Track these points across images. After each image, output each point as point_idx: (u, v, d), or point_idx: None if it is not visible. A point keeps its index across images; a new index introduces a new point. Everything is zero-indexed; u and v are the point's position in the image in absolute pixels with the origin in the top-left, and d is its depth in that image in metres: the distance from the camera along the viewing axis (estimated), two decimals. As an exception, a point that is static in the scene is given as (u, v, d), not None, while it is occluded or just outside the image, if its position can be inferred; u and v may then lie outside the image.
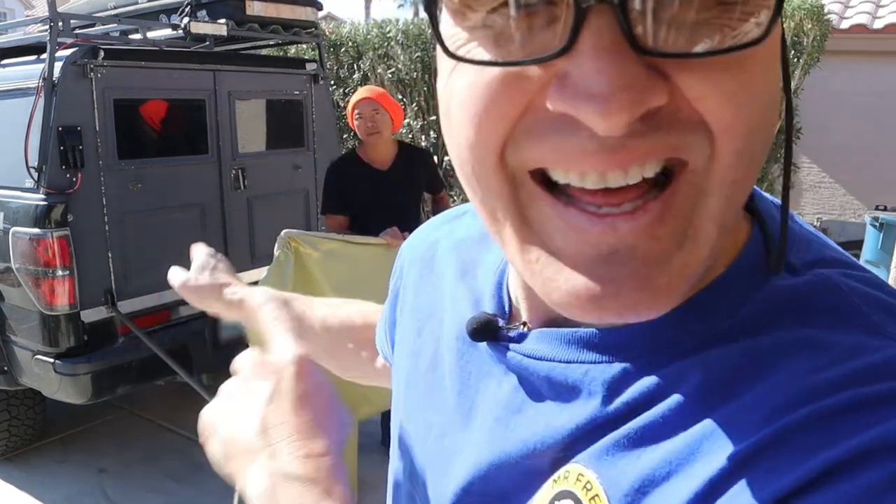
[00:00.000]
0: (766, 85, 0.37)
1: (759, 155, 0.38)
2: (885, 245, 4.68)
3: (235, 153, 3.52)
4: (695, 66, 0.34)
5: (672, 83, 0.34)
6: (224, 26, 3.27)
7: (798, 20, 5.26)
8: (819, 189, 7.79)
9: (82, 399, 2.97)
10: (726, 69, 0.34)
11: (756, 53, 0.35)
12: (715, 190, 0.37)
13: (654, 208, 0.36)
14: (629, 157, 0.35)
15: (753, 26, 0.34)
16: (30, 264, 2.84)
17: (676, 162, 0.36)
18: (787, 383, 0.37)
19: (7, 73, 3.13)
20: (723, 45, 0.33)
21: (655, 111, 0.34)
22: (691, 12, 0.33)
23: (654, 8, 0.33)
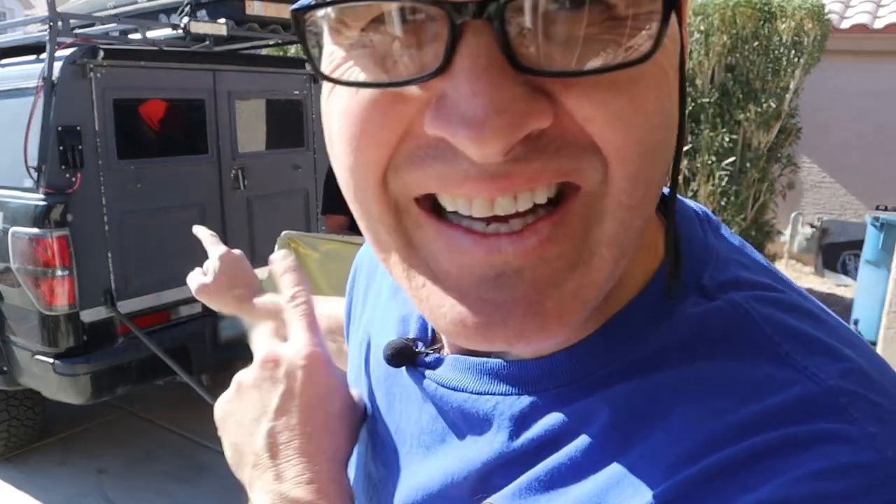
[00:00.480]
0: (660, 104, 0.34)
1: (655, 178, 0.36)
2: (886, 245, 4.68)
3: (235, 153, 3.52)
4: (581, 85, 0.32)
5: (558, 104, 0.32)
6: (224, 26, 3.26)
7: (798, 20, 5.26)
8: (820, 189, 7.79)
9: (82, 399, 2.97)
10: (616, 89, 0.32)
11: (647, 72, 0.32)
12: (609, 214, 0.35)
13: (543, 229, 0.34)
14: (515, 183, 0.33)
15: (645, 40, 0.31)
16: (29, 264, 2.84)
17: (569, 185, 0.34)
18: (691, 429, 0.36)
19: (6, 72, 3.13)
20: (610, 63, 0.31)
21: (540, 134, 0.32)
22: (576, 28, 0.31)
23: (536, 23, 0.30)
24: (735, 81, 5.52)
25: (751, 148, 5.58)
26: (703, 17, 5.43)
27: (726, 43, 5.41)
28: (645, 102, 0.33)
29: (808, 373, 0.36)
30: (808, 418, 0.34)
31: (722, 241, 0.45)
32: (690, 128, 5.73)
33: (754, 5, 5.30)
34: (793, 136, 5.92)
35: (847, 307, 6.27)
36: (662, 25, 0.31)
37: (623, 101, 0.32)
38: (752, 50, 5.39)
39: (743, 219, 5.65)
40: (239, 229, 3.56)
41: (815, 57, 5.57)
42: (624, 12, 0.31)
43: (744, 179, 5.56)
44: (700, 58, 5.49)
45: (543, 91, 0.31)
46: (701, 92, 5.60)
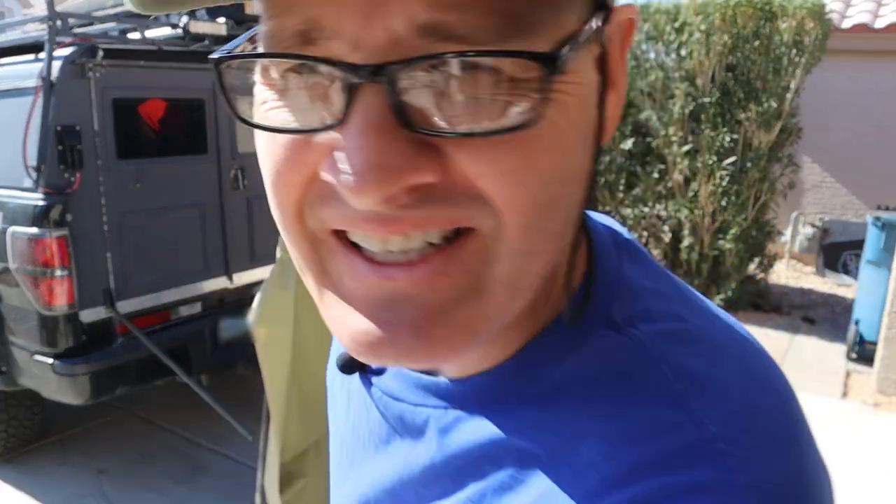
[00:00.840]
0: (557, 160, 0.36)
1: (553, 227, 0.38)
2: (887, 245, 4.67)
3: (235, 153, 3.51)
4: (472, 143, 0.33)
5: (448, 159, 0.34)
6: (223, 25, 3.26)
7: (799, 19, 5.25)
8: (821, 189, 7.78)
9: (81, 399, 2.96)
10: (506, 147, 0.33)
11: (541, 130, 0.33)
12: (504, 257, 0.36)
13: (434, 261, 0.36)
14: (405, 227, 0.35)
15: (533, 104, 0.33)
16: (28, 264, 2.83)
17: (463, 227, 0.36)
18: (582, 473, 0.38)
19: (5, 72, 3.12)
20: (498, 126, 0.33)
21: (429, 186, 0.34)
22: (467, 91, 0.32)
23: (427, 86, 0.33)
24: (736, 81, 5.51)
25: (752, 147, 5.57)
26: (703, 16, 5.42)
27: (727, 42, 5.40)
28: (538, 159, 0.35)
29: (696, 417, 0.37)
30: (687, 467, 0.36)
31: (638, 269, 0.47)
32: (691, 127, 5.73)
33: (755, 5, 5.29)
34: (794, 135, 5.92)
35: (848, 307, 6.27)
36: (544, 93, 0.33)
37: (514, 159, 0.34)
38: (752, 49, 5.39)
39: (744, 219, 5.64)
40: (239, 229, 3.55)
41: (816, 56, 5.56)
42: (511, 77, 0.33)
43: (744, 179, 5.55)
44: (701, 57, 5.48)
45: (433, 147, 0.33)
46: (702, 91, 5.59)
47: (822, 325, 5.80)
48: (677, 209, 5.87)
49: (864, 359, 4.84)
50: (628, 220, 6.22)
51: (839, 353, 5.09)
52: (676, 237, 6.07)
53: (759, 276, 6.30)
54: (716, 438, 0.37)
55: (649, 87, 5.78)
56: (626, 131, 5.99)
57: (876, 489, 3.28)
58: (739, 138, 5.57)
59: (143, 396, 4.25)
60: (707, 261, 5.89)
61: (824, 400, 4.29)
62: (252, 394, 4.29)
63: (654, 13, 5.73)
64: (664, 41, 5.71)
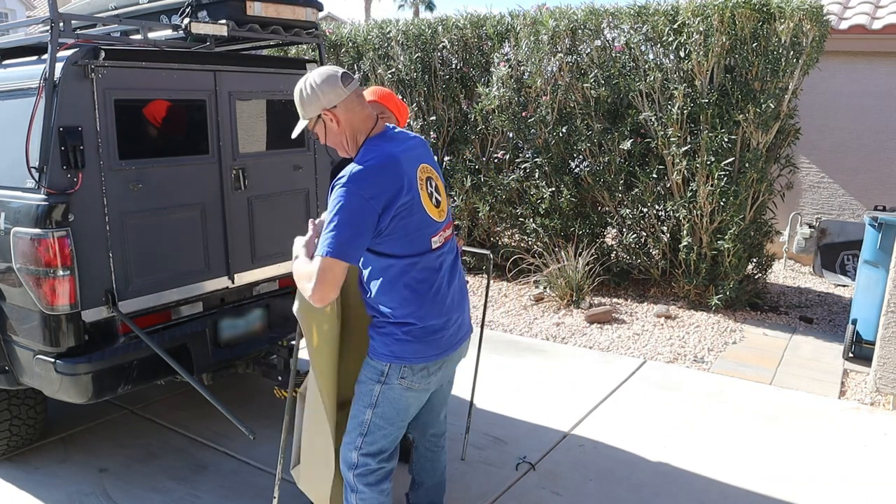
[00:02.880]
0: (329, 137, 2.25)
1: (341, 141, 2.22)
2: (884, 245, 4.69)
3: (236, 153, 3.53)
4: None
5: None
6: (224, 27, 3.27)
7: (797, 21, 5.27)
8: (818, 189, 7.81)
9: (83, 399, 2.98)
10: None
11: (319, 129, 2.21)
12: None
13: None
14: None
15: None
16: (31, 264, 2.85)
17: None
18: None
19: (8, 73, 3.13)
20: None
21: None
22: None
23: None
24: (734, 82, 5.54)
25: (750, 148, 5.60)
26: (702, 17, 5.44)
27: (725, 44, 5.43)
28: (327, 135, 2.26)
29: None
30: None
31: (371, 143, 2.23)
32: (690, 128, 5.75)
33: (753, 6, 5.32)
34: (791, 136, 5.94)
35: (845, 307, 6.29)
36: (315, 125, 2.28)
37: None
38: (751, 51, 5.41)
39: (742, 219, 5.67)
40: (240, 229, 3.57)
41: (814, 58, 5.59)
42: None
43: (742, 180, 5.57)
44: (699, 58, 5.50)
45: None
46: (700, 92, 5.61)
47: (820, 325, 5.82)
48: (676, 209, 5.89)
49: (861, 358, 4.86)
50: (627, 219, 6.24)
51: (836, 352, 5.11)
52: (675, 237, 6.09)
53: (758, 276, 6.32)
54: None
55: (648, 88, 5.80)
56: (626, 132, 6.02)
57: (874, 489, 3.30)
58: (737, 139, 5.59)
59: (145, 395, 4.26)
60: (705, 261, 5.91)
61: (821, 399, 4.32)
62: (252, 393, 4.31)
63: (653, 14, 5.74)
64: (663, 42, 5.73)
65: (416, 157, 2.21)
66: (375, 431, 2.30)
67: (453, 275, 2.32)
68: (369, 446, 2.32)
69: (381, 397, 2.26)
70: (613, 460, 3.54)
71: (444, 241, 2.27)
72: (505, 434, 3.81)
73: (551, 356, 5.07)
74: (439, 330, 2.22)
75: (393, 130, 2.25)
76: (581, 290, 6.16)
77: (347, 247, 2.03)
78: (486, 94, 6.61)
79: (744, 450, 3.65)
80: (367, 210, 2.03)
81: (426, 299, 2.19)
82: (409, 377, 2.23)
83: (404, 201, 2.09)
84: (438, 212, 2.23)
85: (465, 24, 6.91)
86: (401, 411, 2.29)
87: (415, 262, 2.16)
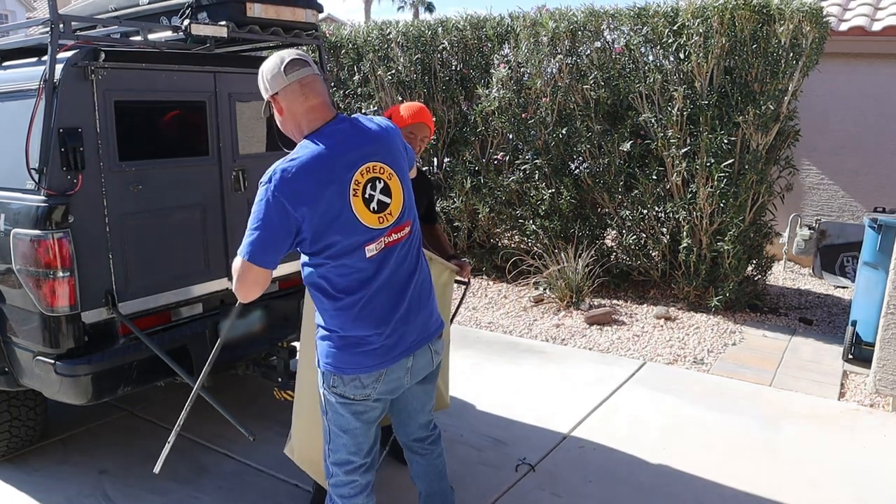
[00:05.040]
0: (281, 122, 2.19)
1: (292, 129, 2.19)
2: (884, 247, 4.69)
3: (236, 154, 3.53)
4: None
5: None
6: (224, 28, 3.27)
7: (797, 22, 5.27)
8: (818, 190, 7.81)
9: (83, 400, 2.97)
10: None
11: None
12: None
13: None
14: None
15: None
16: (31, 265, 2.85)
17: None
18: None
19: (8, 74, 3.14)
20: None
21: None
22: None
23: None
24: (734, 84, 5.54)
25: (749, 150, 5.60)
26: (701, 19, 5.45)
27: (725, 45, 5.43)
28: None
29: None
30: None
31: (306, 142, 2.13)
32: (689, 130, 5.75)
33: (753, 8, 5.32)
34: (791, 138, 5.94)
35: (845, 309, 6.29)
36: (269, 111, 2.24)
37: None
38: (750, 52, 5.41)
39: (741, 220, 5.67)
40: (240, 231, 3.54)
41: (814, 59, 5.59)
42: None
43: (742, 181, 5.58)
44: (699, 60, 5.51)
45: None
46: (699, 94, 5.61)
47: (820, 327, 5.82)
48: (675, 211, 5.89)
49: (860, 360, 4.86)
50: (627, 221, 6.25)
51: (836, 354, 5.11)
52: (675, 239, 6.09)
53: (757, 278, 6.32)
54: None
55: (648, 90, 5.81)
56: (625, 133, 6.02)
57: (873, 490, 3.30)
58: (737, 140, 5.59)
59: (145, 397, 4.26)
60: (705, 262, 5.91)
61: (821, 401, 4.31)
62: (253, 393, 4.31)
63: (653, 16, 5.75)
64: (662, 44, 5.73)
65: (360, 156, 2.05)
66: (335, 440, 2.21)
67: (405, 282, 2.15)
68: (334, 455, 2.23)
69: (327, 404, 2.18)
70: (613, 461, 3.53)
71: (388, 245, 2.09)
72: (504, 435, 3.81)
73: (551, 357, 5.07)
74: (368, 342, 2.07)
75: (338, 125, 2.10)
76: (581, 292, 6.16)
77: (262, 251, 1.93)
78: (485, 95, 6.61)
79: (743, 451, 3.65)
80: (285, 214, 1.92)
81: (350, 310, 2.05)
82: (341, 387, 2.11)
83: (327, 209, 1.96)
84: (380, 217, 2.06)
85: (465, 26, 6.92)
86: (348, 420, 2.16)
87: (339, 272, 2.03)
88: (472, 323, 5.93)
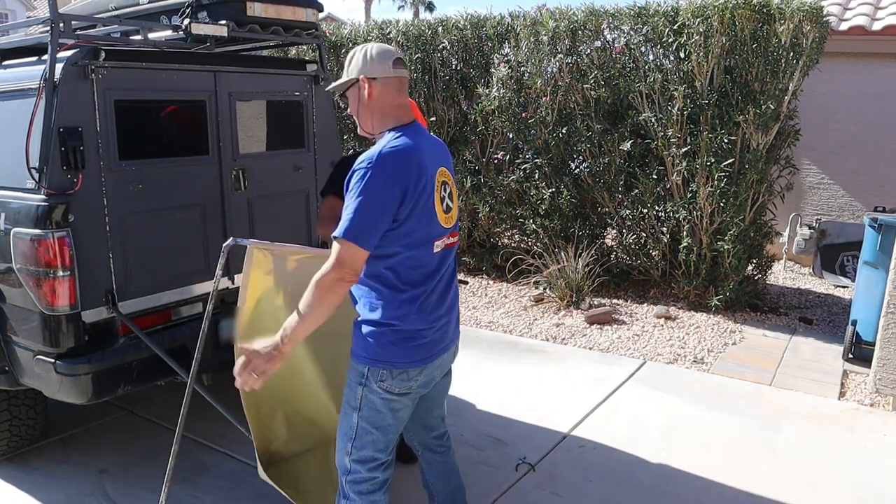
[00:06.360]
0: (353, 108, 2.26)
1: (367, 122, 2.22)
2: (884, 246, 4.69)
3: (236, 154, 3.53)
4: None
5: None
6: (225, 27, 3.27)
7: (797, 22, 5.27)
8: (818, 190, 7.81)
9: (83, 399, 2.97)
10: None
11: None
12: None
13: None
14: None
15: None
16: (31, 265, 2.85)
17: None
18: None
19: (8, 74, 3.14)
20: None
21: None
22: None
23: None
24: (734, 83, 5.54)
25: (749, 149, 5.60)
26: (702, 18, 5.45)
27: (725, 45, 5.43)
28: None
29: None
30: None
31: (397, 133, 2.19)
32: (689, 129, 5.75)
33: (753, 7, 5.32)
34: (791, 137, 5.94)
35: (845, 308, 6.29)
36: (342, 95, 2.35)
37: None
38: (750, 52, 5.41)
39: (741, 220, 5.67)
40: (240, 230, 3.57)
41: (814, 59, 5.59)
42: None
43: (742, 181, 5.57)
44: (699, 59, 5.50)
45: None
46: (700, 93, 5.61)
47: (820, 326, 5.82)
48: (676, 210, 5.89)
49: (860, 359, 4.86)
50: (627, 220, 6.25)
51: (836, 353, 5.11)
52: (675, 238, 6.09)
53: (757, 277, 6.32)
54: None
55: (648, 89, 5.81)
56: (625, 133, 6.02)
57: (873, 490, 3.30)
58: (737, 140, 5.59)
59: (145, 396, 4.26)
60: (705, 261, 5.91)
61: (821, 400, 4.32)
62: (252, 394, 4.31)
63: (653, 16, 5.75)
64: (663, 43, 5.73)
65: (437, 158, 2.18)
66: (363, 436, 2.22)
67: (450, 281, 2.28)
68: (358, 452, 2.24)
69: (363, 401, 2.19)
70: (613, 461, 3.54)
71: (447, 246, 2.22)
72: (505, 435, 3.81)
73: (551, 357, 5.07)
74: (422, 335, 2.15)
75: (422, 127, 2.24)
76: (581, 291, 6.16)
77: (366, 231, 1.97)
78: (485, 94, 6.61)
79: (743, 451, 3.65)
80: (389, 195, 1.98)
81: (413, 303, 2.11)
82: (388, 381, 2.15)
83: (420, 196, 2.05)
84: (447, 217, 2.19)
85: (465, 25, 6.92)
86: (385, 416, 2.21)
87: (409, 263, 2.11)
88: (472, 322, 5.93)
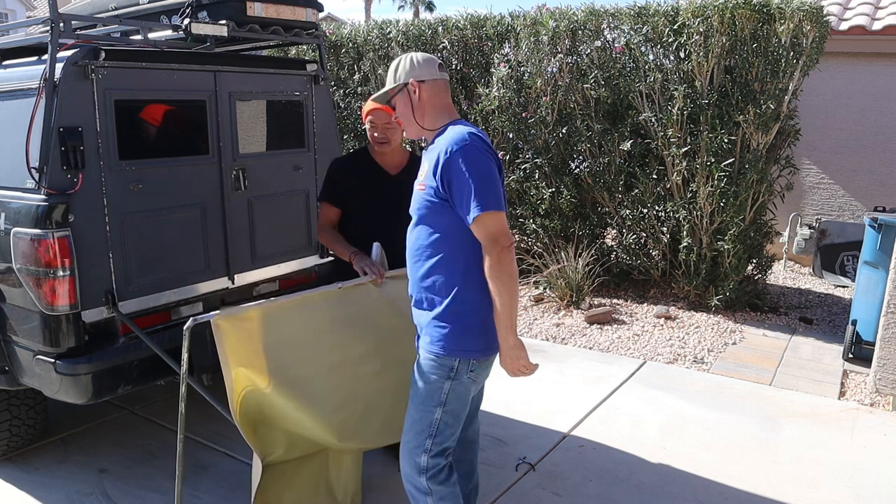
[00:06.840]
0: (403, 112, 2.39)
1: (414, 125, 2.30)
2: (884, 246, 4.69)
3: (236, 154, 3.53)
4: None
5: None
6: (225, 27, 3.27)
7: (797, 21, 5.27)
8: (818, 190, 7.81)
9: (83, 399, 2.97)
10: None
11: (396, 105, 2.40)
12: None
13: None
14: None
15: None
16: (31, 265, 2.85)
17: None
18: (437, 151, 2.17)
19: (8, 73, 3.14)
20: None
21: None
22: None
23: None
24: (734, 83, 5.54)
25: (749, 149, 5.60)
26: (702, 18, 5.45)
27: (725, 44, 5.43)
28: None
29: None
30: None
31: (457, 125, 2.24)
32: (690, 129, 5.75)
33: (753, 7, 5.32)
34: (791, 137, 5.94)
35: (845, 308, 6.29)
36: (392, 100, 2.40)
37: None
38: (750, 51, 5.41)
39: (741, 220, 5.67)
40: (240, 230, 3.57)
41: (814, 59, 5.59)
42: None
43: (742, 180, 5.57)
44: (699, 59, 5.50)
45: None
46: (700, 93, 5.61)
47: (820, 326, 5.82)
48: (676, 210, 5.89)
49: (861, 359, 4.86)
50: (627, 220, 6.25)
51: (836, 353, 5.11)
52: (675, 238, 6.09)
53: (757, 277, 6.32)
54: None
55: (648, 89, 5.81)
56: (626, 133, 6.02)
57: (873, 490, 3.30)
58: (737, 140, 5.59)
59: (145, 396, 4.27)
60: (705, 261, 5.91)
61: (821, 400, 4.32)
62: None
63: (653, 15, 5.75)
64: (663, 43, 5.73)
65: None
66: (444, 430, 2.26)
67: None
68: (439, 445, 2.27)
69: (450, 394, 2.22)
70: (613, 461, 3.54)
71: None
72: (505, 434, 3.82)
73: (551, 357, 5.07)
74: (493, 322, 2.18)
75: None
76: (581, 291, 6.16)
77: (497, 196, 2.06)
78: (486, 94, 6.61)
79: (743, 450, 3.65)
80: (492, 165, 2.09)
81: (484, 287, 2.14)
82: (477, 370, 2.20)
83: (499, 171, 2.17)
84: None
85: (466, 25, 6.92)
86: (466, 406, 2.28)
87: (480, 250, 2.13)
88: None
